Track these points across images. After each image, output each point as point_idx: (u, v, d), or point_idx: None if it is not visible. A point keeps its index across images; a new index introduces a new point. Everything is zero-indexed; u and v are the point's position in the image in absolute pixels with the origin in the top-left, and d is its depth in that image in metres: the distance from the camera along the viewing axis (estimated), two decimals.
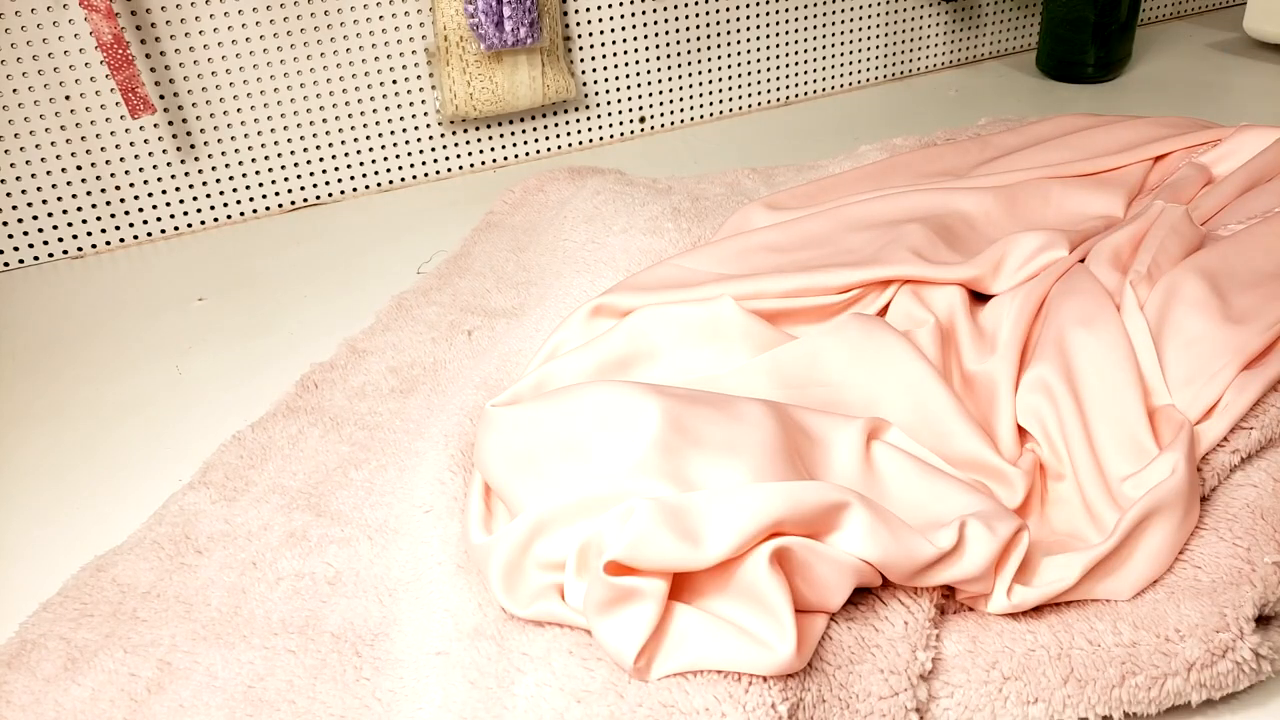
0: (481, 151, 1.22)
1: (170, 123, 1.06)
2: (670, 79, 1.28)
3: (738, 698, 0.47)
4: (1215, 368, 0.64)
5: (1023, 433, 0.65)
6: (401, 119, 1.16)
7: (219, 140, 1.09)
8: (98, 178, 1.05)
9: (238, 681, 0.55)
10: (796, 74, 1.36)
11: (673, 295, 0.75)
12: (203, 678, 0.56)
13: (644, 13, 1.23)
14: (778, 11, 1.30)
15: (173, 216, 1.10)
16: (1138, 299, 0.70)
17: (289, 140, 1.12)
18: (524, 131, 1.23)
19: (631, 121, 1.29)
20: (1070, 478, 0.62)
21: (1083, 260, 0.78)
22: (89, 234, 1.07)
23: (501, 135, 1.22)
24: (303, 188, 1.15)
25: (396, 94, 1.15)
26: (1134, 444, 0.61)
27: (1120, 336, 0.66)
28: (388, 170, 1.18)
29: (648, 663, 0.49)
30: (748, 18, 1.29)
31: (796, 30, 1.33)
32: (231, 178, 1.11)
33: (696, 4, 1.25)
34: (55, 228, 1.05)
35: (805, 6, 1.32)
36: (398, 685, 0.54)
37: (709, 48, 1.29)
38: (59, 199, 1.04)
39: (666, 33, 1.25)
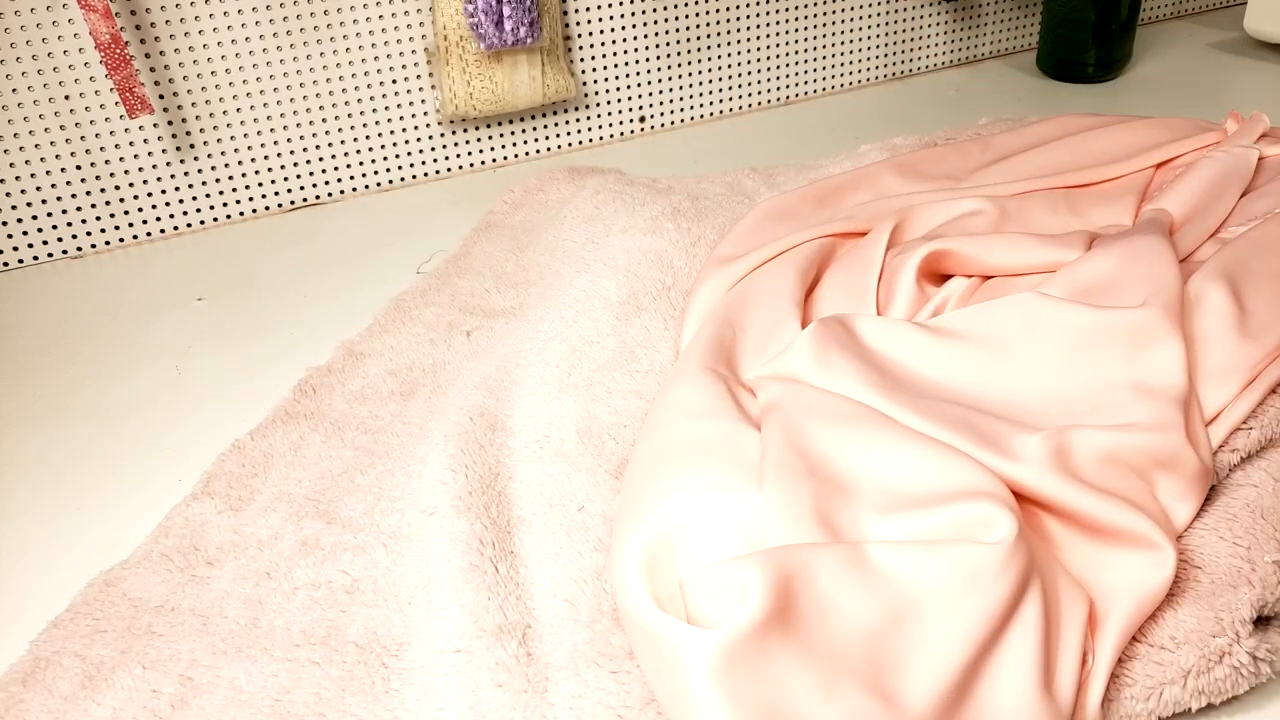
0: (481, 151, 1.22)
1: (170, 122, 1.06)
2: (670, 79, 1.28)
3: None
4: (1224, 378, 0.64)
5: None
6: (401, 119, 1.16)
7: (218, 140, 1.09)
8: (97, 178, 1.05)
9: (264, 695, 0.54)
10: (796, 74, 1.36)
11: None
12: (227, 692, 0.54)
13: (644, 13, 1.23)
14: (778, 11, 1.30)
15: (172, 216, 1.10)
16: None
17: (288, 140, 1.12)
18: (524, 131, 1.23)
19: (631, 121, 1.29)
20: None
21: None
22: (88, 234, 1.07)
23: (501, 135, 1.22)
24: (302, 187, 1.15)
25: (396, 94, 1.15)
26: None
27: None
28: (387, 170, 1.18)
29: None
30: (748, 18, 1.29)
31: (796, 30, 1.33)
32: (231, 178, 1.11)
33: (696, 4, 1.25)
34: (55, 228, 1.05)
35: (805, 6, 1.31)
36: (422, 694, 0.53)
37: (709, 48, 1.29)
38: (58, 199, 1.04)
39: (666, 33, 1.25)
